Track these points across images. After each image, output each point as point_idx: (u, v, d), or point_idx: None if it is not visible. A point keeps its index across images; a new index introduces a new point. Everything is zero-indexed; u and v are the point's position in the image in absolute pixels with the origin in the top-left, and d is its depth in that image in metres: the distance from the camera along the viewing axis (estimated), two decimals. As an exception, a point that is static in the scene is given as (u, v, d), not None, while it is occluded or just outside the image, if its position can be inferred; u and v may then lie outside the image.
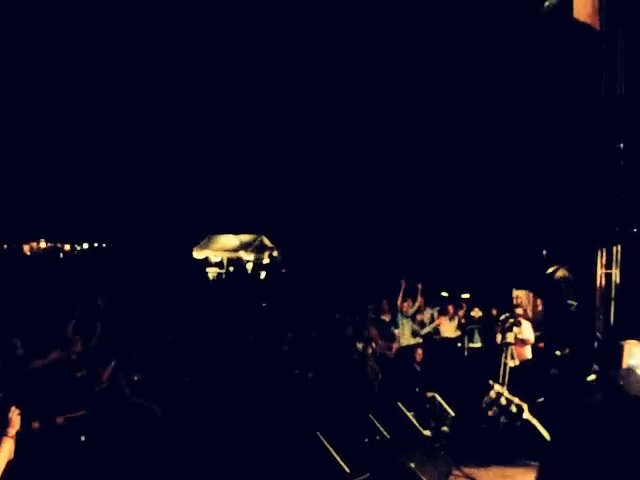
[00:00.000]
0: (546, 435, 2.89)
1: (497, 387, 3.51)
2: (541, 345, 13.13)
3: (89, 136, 30.56)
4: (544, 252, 14.72)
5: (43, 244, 24.13)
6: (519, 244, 17.44)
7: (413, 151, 22.93)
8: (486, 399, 3.11)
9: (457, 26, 18.44)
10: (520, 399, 3.95)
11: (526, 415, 2.94)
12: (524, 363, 12.26)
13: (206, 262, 27.14)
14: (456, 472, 8.01)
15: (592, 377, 10.95)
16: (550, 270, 10.96)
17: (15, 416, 5.59)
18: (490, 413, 3.02)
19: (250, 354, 10.53)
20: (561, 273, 12.57)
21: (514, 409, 2.97)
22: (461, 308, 15.01)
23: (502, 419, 3.06)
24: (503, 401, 3.01)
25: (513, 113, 17.57)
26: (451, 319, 14.65)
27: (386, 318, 13.34)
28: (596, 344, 12.09)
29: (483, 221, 20.32)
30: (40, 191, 29.75)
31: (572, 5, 10.77)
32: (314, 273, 18.12)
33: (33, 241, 24.10)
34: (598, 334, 12.35)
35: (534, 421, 2.92)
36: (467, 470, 8.02)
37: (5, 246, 20.61)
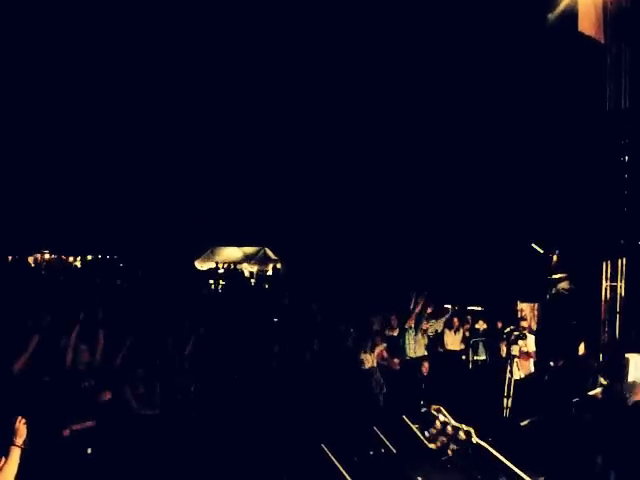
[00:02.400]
0: (500, 457, 2.85)
1: (441, 417, 3.46)
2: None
3: (94, 148, 30.66)
4: (554, 254, 14.67)
5: (47, 255, 24.15)
6: (524, 257, 17.41)
7: (419, 166, 22.96)
8: (430, 431, 3.02)
9: (463, 39, 18.50)
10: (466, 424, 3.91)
11: (475, 439, 2.89)
12: (529, 376, 12.26)
13: (209, 273, 27.16)
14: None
15: (597, 390, 10.94)
16: (555, 276, 10.91)
17: (22, 426, 5.61)
18: (434, 446, 2.94)
19: (255, 365, 10.52)
20: (565, 285, 12.57)
21: (462, 435, 2.92)
22: (466, 321, 15.01)
23: (451, 447, 2.99)
24: (450, 430, 2.95)
25: (519, 127, 17.60)
26: (456, 332, 14.64)
27: (394, 333, 13.32)
28: (601, 357, 12.08)
29: (488, 234, 20.32)
30: (45, 203, 29.83)
31: (577, 19, 10.82)
32: (318, 285, 18.10)
33: (37, 253, 24.11)
34: (603, 347, 12.34)
35: (484, 444, 2.87)
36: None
37: (10, 258, 20.63)
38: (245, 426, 8.69)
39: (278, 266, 29.39)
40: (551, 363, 12.95)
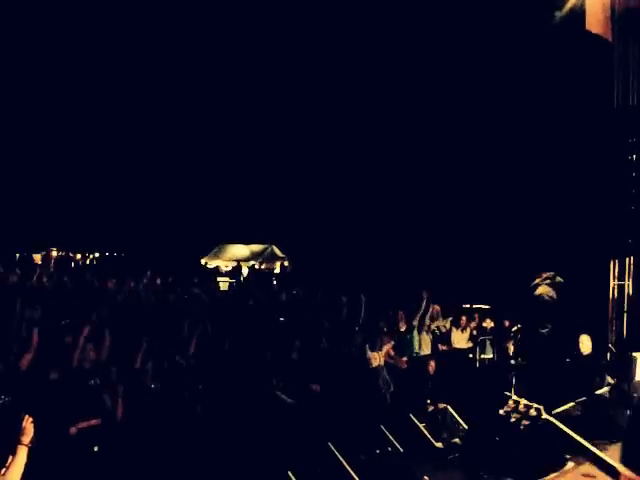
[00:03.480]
0: (567, 431, 2.90)
1: (514, 396, 3.51)
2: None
3: (100, 147, 30.71)
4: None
5: (54, 253, 24.18)
6: (531, 256, 17.39)
7: (429, 164, 22.93)
8: (505, 409, 3.10)
9: (470, 37, 18.46)
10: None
11: (545, 415, 2.96)
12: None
13: (217, 271, 27.19)
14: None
15: (604, 389, 10.91)
16: (535, 281, 10.76)
17: (29, 425, 5.63)
18: (512, 420, 3.03)
19: (263, 365, 10.52)
20: (543, 289, 12.48)
21: (534, 412, 3.00)
22: (473, 319, 14.99)
23: (523, 423, 3.07)
24: (522, 407, 3.03)
25: (526, 125, 17.57)
26: (463, 330, 14.63)
27: (401, 328, 13.31)
28: (609, 356, 12.05)
29: (495, 232, 20.29)
30: (51, 201, 29.91)
31: (584, 17, 10.80)
32: (325, 282, 18.09)
33: (44, 250, 24.15)
34: (611, 346, 12.32)
35: (554, 420, 2.93)
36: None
37: (17, 255, 20.69)
38: (252, 424, 8.69)
39: (285, 264, 29.42)
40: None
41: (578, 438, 2.73)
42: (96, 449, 7.38)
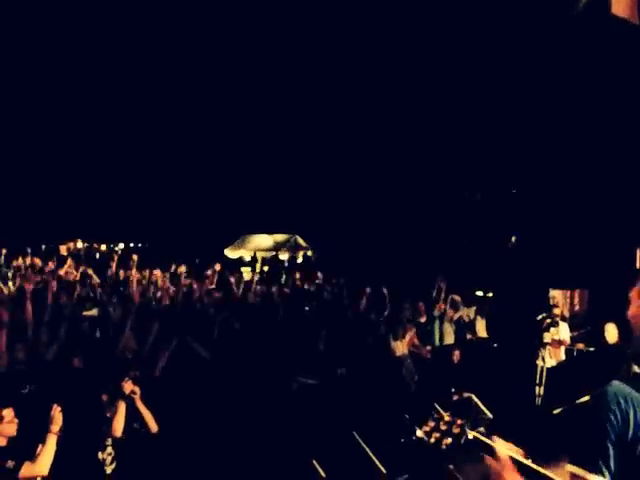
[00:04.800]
0: (494, 445, 2.80)
1: (434, 413, 3.42)
2: (580, 345, 13.01)
3: (124, 137, 30.83)
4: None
5: (80, 244, 24.35)
6: (557, 244, 17.27)
7: (450, 154, 22.79)
8: (424, 429, 2.97)
9: (493, 24, 18.27)
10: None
11: (470, 434, 2.84)
12: (560, 364, 12.17)
13: (240, 262, 27.28)
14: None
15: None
16: None
17: (57, 413, 5.71)
18: (432, 440, 2.90)
19: (288, 354, 10.54)
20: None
21: (456, 429, 2.87)
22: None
23: (445, 442, 2.94)
24: (443, 425, 2.91)
25: (552, 112, 17.38)
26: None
27: (422, 319, 13.29)
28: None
29: (520, 221, 20.15)
30: (77, 192, 30.10)
31: (609, 1, 10.64)
32: (348, 272, 18.05)
33: (70, 241, 24.30)
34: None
35: (478, 435, 2.82)
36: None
37: (43, 247, 20.87)
38: (277, 413, 8.72)
39: (309, 254, 29.45)
40: (583, 350, 12.89)
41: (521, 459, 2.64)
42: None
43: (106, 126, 30.39)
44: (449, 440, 3.05)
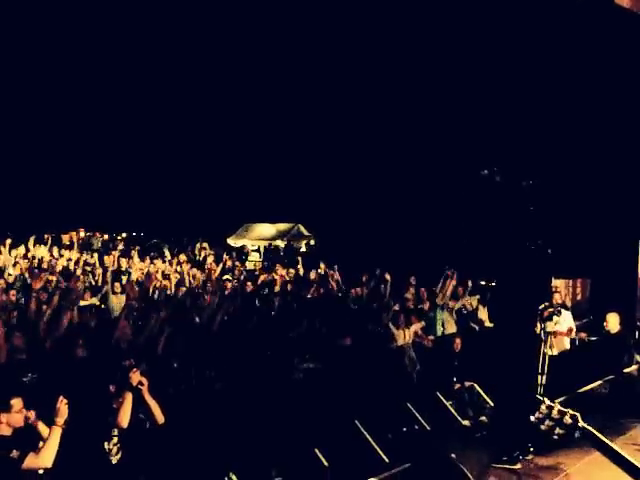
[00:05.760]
0: (605, 440, 2.79)
1: (547, 401, 3.40)
2: (582, 335, 13.03)
3: (125, 125, 30.80)
4: None
5: (82, 233, 24.34)
6: (558, 234, 17.24)
7: (453, 145, 22.69)
8: (537, 414, 2.97)
9: (494, 17, 18.17)
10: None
11: (582, 424, 2.82)
12: (563, 353, 12.20)
13: (243, 250, 27.30)
14: (496, 463, 7.97)
15: (633, 368, 10.86)
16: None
17: (63, 406, 5.71)
18: (543, 427, 2.88)
19: (288, 343, 10.57)
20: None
21: (569, 420, 2.84)
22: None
23: (557, 431, 2.91)
24: (555, 413, 2.88)
25: (556, 106, 17.29)
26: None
27: (425, 307, 13.30)
28: (637, 334, 11.99)
29: (523, 211, 20.08)
30: (78, 180, 30.10)
31: (613, -9, 10.62)
32: (351, 260, 18.05)
33: (72, 230, 24.32)
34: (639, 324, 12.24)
35: (592, 429, 2.80)
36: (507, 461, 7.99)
37: (46, 236, 20.87)
38: (278, 402, 8.75)
39: (312, 242, 29.47)
40: (585, 340, 12.92)
41: (618, 449, 2.64)
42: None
43: (108, 116, 30.38)
44: (561, 431, 3.08)
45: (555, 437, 2.86)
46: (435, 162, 23.44)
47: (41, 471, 5.70)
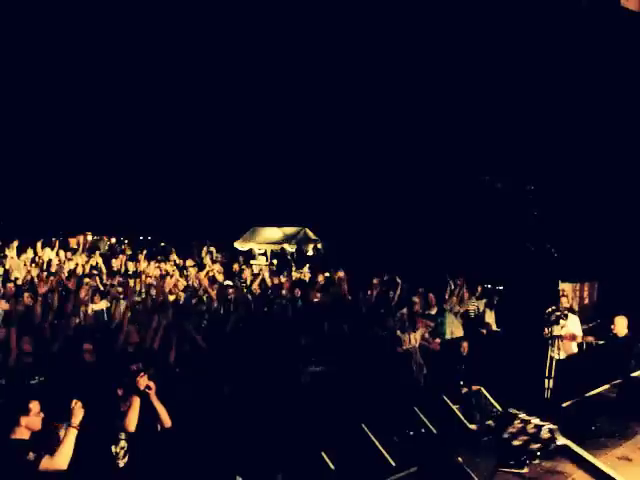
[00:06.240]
0: (584, 454, 2.73)
1: (522, 415, 3.34)
2: (589, 339, 12.99)
3: (131, 128, 30.86)
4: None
5: (89, 237, 24.40)
6: (565, 238, 17.24)
7: (460, 147, 22.68)
8: (510, 430, 2.88)
9: (501, 18, 18.18)
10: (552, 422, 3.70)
11: (561, 440, 2.75)
12: (571, 357, 12.17)
13: (250, 254, 27.31)
14: (504, 467, 7.95)
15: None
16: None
17: (78, 407, 5.75)
18: (516, 443, 2.80)
19: (296, 346, 10.58)
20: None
21: (546, 434, 2.77)
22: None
23: (531, 446, 2.84)
24: (531, 428, 2.81)
25: (563, 110, 17.28)
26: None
27: (432, 311, 13.30)
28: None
29: (529, 215, 20.07)
30: (85, 184, 30.17)
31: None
32: (358, 265, 18.05)
33: (80, 234, 24.38)
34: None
35: (569, 443, 2.74)
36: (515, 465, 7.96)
37: (54, 239, 20.94)
38: (285, 406, 8.76)
39: (319, 246, 29.41)
40: (593, 344, 12.89)
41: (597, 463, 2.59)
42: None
43: (116, 117, 30.46)
44: (537, 445, 3.01)
45: (532, 453, 2.81)
46: (442, 166, 23.43)
47: None
